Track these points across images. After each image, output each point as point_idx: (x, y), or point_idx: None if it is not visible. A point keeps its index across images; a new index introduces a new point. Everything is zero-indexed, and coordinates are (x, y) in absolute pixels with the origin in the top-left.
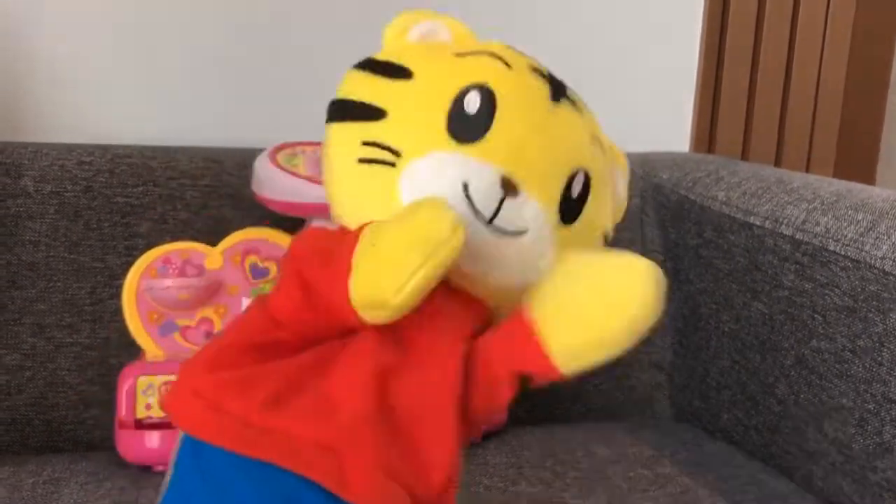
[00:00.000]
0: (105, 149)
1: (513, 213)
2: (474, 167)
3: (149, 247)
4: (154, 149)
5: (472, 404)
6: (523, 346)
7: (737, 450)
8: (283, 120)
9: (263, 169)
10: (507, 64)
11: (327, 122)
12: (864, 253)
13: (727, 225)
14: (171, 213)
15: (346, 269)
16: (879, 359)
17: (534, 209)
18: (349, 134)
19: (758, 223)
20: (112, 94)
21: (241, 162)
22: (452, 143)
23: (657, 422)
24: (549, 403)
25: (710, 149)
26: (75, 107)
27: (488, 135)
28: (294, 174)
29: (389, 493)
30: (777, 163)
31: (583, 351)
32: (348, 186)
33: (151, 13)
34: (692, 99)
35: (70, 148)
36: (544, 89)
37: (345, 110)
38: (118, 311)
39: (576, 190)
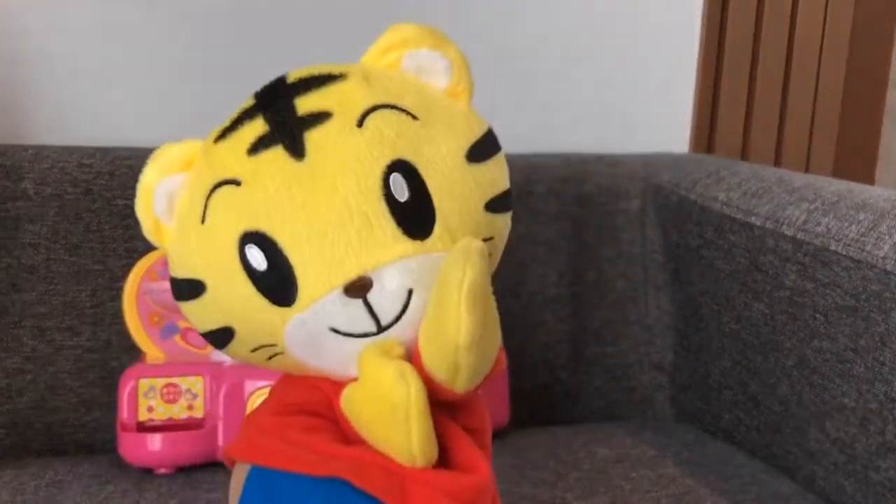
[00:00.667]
0: (105, 151)
1: (385, 298)
2: (318, 314)
3: (149, 249)
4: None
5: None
6: None
7: (738, 450)
8: None
9: None
10: (235, 182)
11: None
12: (865, 253)
13: (728, 225)
14: None
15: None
16: (882, 358)
17: (394, 272)
18: (237, 350)
19: (759, 223)
20: (112, 96)
21: None
22: (286, 311)
23: (658, 422)
24: (550, 405)
25: (710, 149)
26: (75, 109)
27: (297, 274)
28: None
29: None
30: (776, 163)
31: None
32: (285, 369)
33: (152, 15)
34: (691, 100)
35: (70, 150)
36: (282, 159)
37: (214, 340)
38: (119, 314)
39: (402, 192)
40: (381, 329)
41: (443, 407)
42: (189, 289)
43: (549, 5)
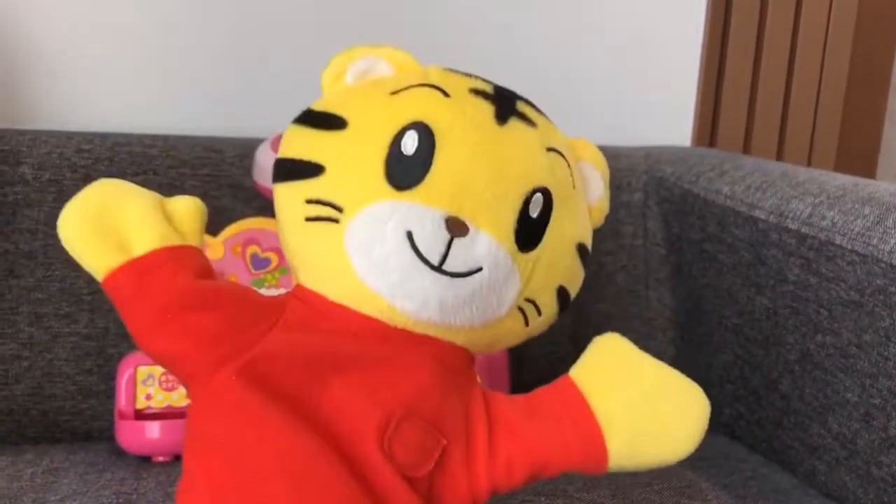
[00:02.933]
0: (104, 137)
1: (464, 252)
2: (416, 214)
3: None
4: (154, 137)
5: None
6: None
7: (739, 444)
8: (285, 109)
9: (265, 158)
10: (444, 93)
11: (273, 182)
12: (871, 247)
13: (731, 219)
14: None
15: None
16: (886, 353)
17: (486, 244)
18: (293, 193)
19: (762, 217)
20: (111, 81)
21: (241, 151)
22: (392, 191)
23: None
24: None
25: (712, 143)
26: (74, 94)
27: (429, 176)
28: None
29: None
30: (779, 157)
31: (628, 462)
32: (298, 246)
33: (153, 0)
34: (694, 93)
35: (69, 136)
36: (488, 112)
37: (285, 170)
38: None
39: (534, 211)
40: (437, 268)
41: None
42: (325, 119)
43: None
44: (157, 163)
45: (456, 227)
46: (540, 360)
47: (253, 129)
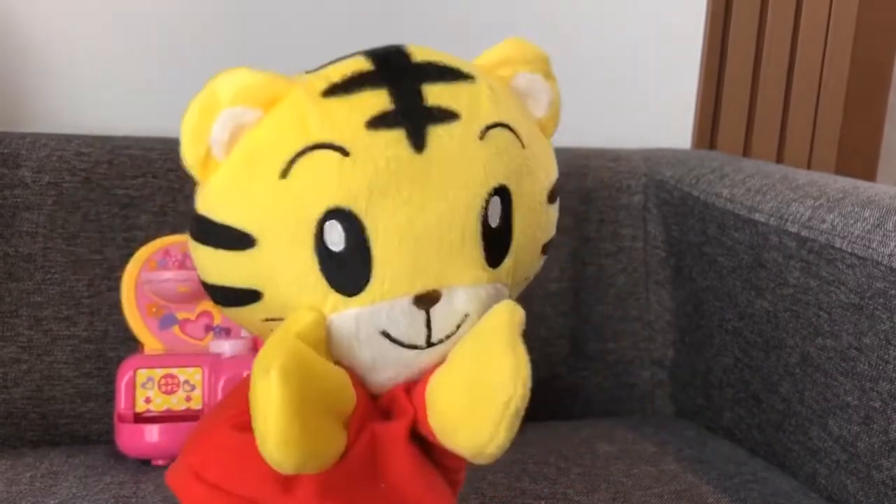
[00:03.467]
0: (104, 140)
1: (445, 315)
2: (382, 315)
3: (148, 239)
4: (154, 140)
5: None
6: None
7: (739, 448)
8: None
9: None
10: (343, 152)
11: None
12: (871, 250)
13: (731, 222)
14: (170, 205)
15: None
16: (886, 356)
17: (465, 294)
18: (247, 316)
19: (762, 220)
20: (111, 84)
21: None
22: (345, 300)
23: (658, 419)
24: (550, 401)
25: (712, 145)
26: (74, 97)
27: (374, 269)
28: None
29: None
30: (778, 160)
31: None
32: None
33: (152, 3)
34: (694, 96)
35: (69, 138)
36: (400, 146)
37: (223, 298)
38: (116, 304)
39: (494, 219)
40: (429, 344)
41: (420, 439)
42: (229, 238)
43: (550, 1)
44: (156, 166)
45: (428, 301)
46: (540, 360)
47: None
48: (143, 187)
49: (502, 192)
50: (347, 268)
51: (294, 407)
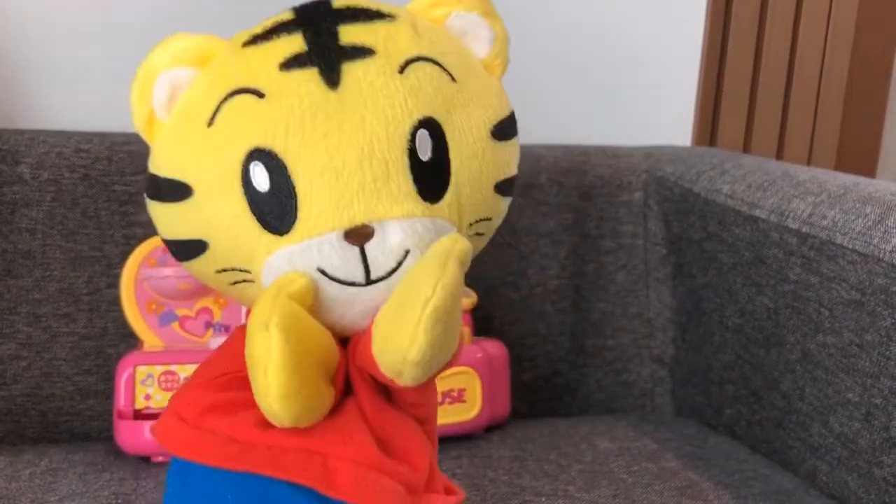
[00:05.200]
0: (103, 136)
1: (382, 252)
2: (314, 251)
3: (147, 236)
4: None
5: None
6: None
7: (740, 445)
8: None
9: None
10: (259, 94)
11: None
12: (872, 246)
13: (732, 218)
14: None
15: None
16: (887, 353)
17: (399, 229)
18: (203, 269)
19: (763, 216)
20: (110, 81)
21: None
22: (276, 238)
23: (659, 416)
24: (550, 398)
25: (712, 142)
26: (73, 94)
27: (300, 207)
28: None
29: (378, 486)
30: (778, 157)
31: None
32: (242, 300)
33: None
34: (694, 93)
35: (68, 135)
36: (314, 84)
37: (176, 251)
38: (116, 301)
39: (424, 153)
40: (368, 282)
41: (385, 389)
42: (171, 190)
43: None
44: None
45: (358, 237)
46: (540, 360)
47: None
48: (142, 184)
49: (430, 126)
50: (274, 207)
51: (294, 361)
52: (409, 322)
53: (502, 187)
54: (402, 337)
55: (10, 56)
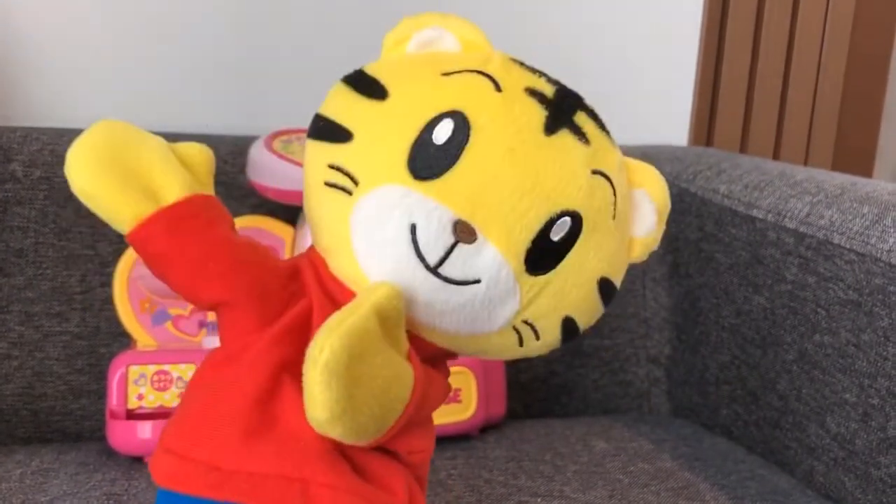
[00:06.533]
0: None
1: (464, 260)
2: (425, 208)
3: None
4: None
5: None
6: None
7: (736, 445)
8: (280, 106)
9: (259, 155)
10: (497, 86)
11: (307, 137)
12: (869, 246)
13: (729, 218)
14: None
15: None
16: (885, 353)
17: (491, 257)
18: (319, 154)
19: (760, 216)
20: (104, 78)
21: (235, 149)
22: (409, 178)
23: (655, 416)
24: (545, 398)
25: (709, 142)
26: (66, 91)
27: (451, 171)
28: (290, 161)
29: None
30: (775, 157)
31: None
32: (312, 208)
33: None
34: (691, 92)
35: (61, 133)
36: (537, 117)
37: (318, 128)
38: (109, 300)
39: (556, 235)
40: (432, 269)
41: None
42: (369, 84)
43: None
44: None
45: (463, 232)
46: (535, 360)
47: (247, 127)
48: None
49: (575, 221)
50: (432, 155)
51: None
52: (307, 385)
53: (568, 324)
54: (307, 403)
55: (2, 53)
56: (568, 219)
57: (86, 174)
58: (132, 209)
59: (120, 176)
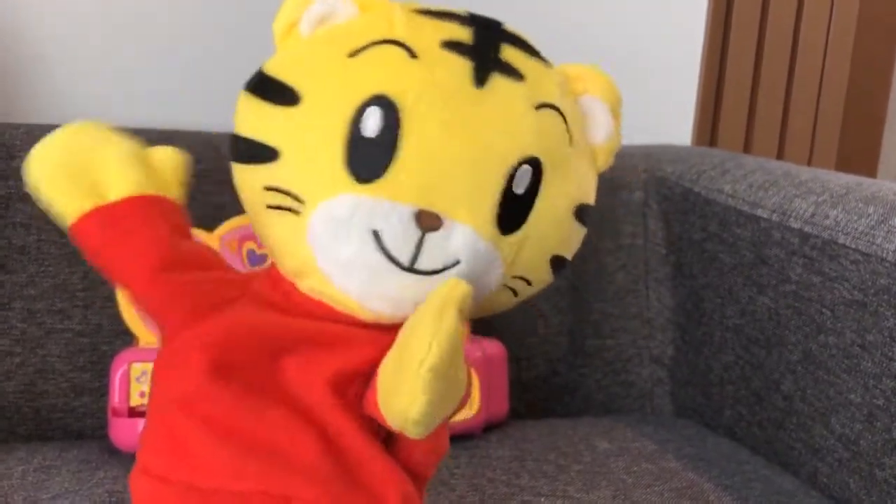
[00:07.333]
0: None
1: (438, 248)
2: (381, 211)
3: None
4: (150, 132)
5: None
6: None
7: (740, 446)
8: None
9: None
10: (411, 52)
11: (231, 160)
12: (875, 246)
13: (733, 218)
14: None
15: None
16: (890, 354)
17: (463, 236)
18: (250, 177)
19: (765, 216)
20: (107, 75)
21: None
22: (353, 183)
23: (658, 417)
24: (549, 398)
25: (713, 142)
26: (69, 88)
27: (394, 164)
28: None
29: None
30: (779, 157)
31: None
32: (264, 235)
33: None
34: (695, 92)
35: None
36: (463, 72)
37: (240, 151)
38: (111, 297)
39: (520, 186)
40: (407, 269)
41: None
42: (276, 90)
43: None
44: None
45: (428, 222)
46: (538, 360)
47: None
48: None
49: (535, 166)
50: (369, 152)
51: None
52: (407, 381)
53: (557, 261)
54: (402, 395)
55: (6, 49)
56: (527, 166)
57: (37, 170)
58: (75, 204)
59: (70, 173)
